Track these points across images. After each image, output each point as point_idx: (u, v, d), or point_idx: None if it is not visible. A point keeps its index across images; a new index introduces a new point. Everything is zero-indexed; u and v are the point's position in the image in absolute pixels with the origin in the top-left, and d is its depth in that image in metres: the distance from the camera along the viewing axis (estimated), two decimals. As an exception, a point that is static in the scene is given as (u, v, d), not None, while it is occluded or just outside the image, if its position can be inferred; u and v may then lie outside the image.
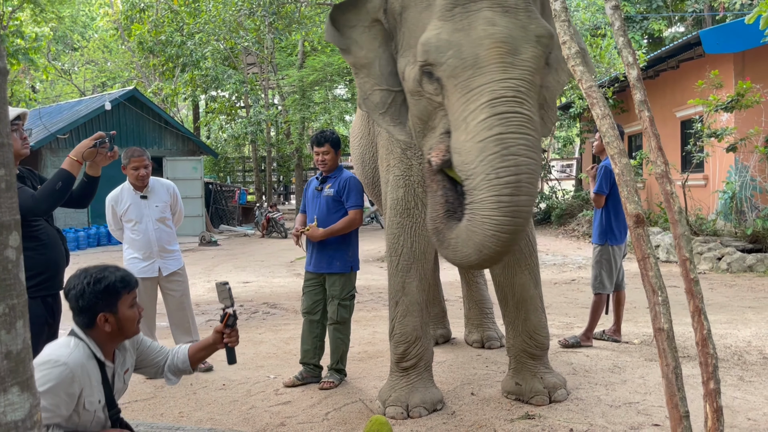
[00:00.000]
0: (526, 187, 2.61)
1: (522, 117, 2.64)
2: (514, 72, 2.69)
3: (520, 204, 2.62)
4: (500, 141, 2.61)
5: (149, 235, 4.48)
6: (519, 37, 2.76)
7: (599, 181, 4.99)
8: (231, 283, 7.37)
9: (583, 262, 10.36)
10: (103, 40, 28.86)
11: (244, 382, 4.36)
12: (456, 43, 2.78)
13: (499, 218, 2.61)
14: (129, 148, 4.61)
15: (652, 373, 4.23)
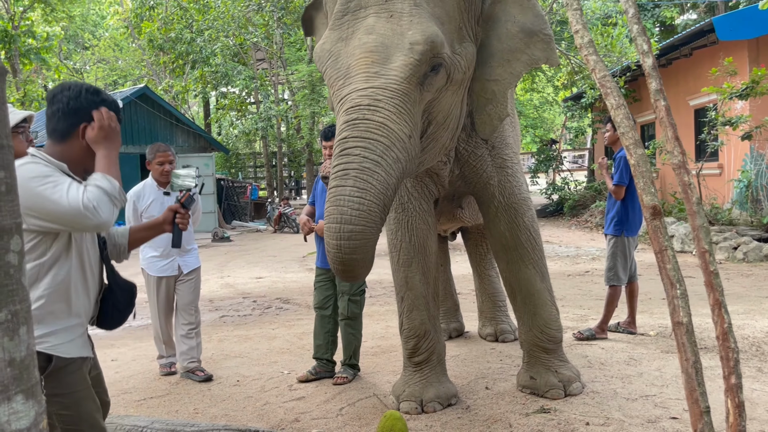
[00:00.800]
0: (352, 180, 2.58)
1: (370, 123, 2.64)
2: (377, 81, 2.70)
3: (344, 194, 2.59)
4: (342, 144, 2.66)
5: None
6: (392, 45, 2.76)
7: (619, 172, 4.92)
8: (244, 279, 7.41)
9: (597, 253, 10.28)
10: (113, 39, 29.02)
11: (258, 377, 4.37)
12: (335, 53, 2.86)
13: (328, 208, 2.64)
14: (154, 143, 4.58)
15: (668, 366, 4.18)
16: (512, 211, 3.64)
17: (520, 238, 3.65)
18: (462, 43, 3.01)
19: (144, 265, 4.44)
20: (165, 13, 19.43)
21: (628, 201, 4.95)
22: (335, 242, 2.60)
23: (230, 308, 7.13)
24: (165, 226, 2.44)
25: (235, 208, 20.16)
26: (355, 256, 2.61)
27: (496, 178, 3.63)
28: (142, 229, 2.46)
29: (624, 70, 12.76)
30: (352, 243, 2.58)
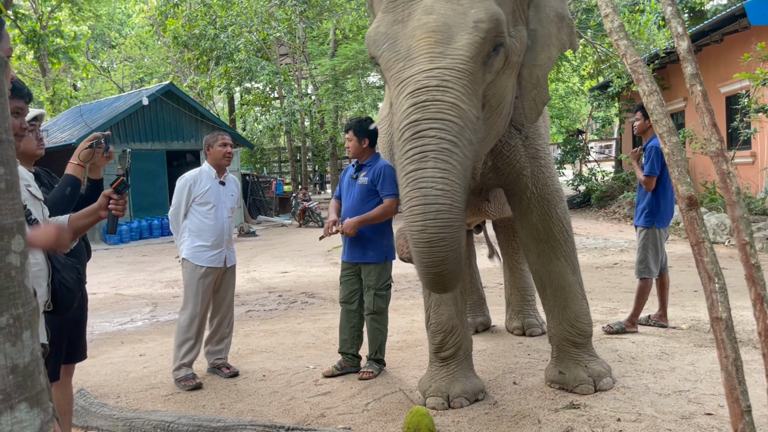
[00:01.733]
0: (432, 161, 2.50)
1: (442, 104, 2.56)
2: (443, 61, 2.62)
3: (425, 176, 2.50)
4: (413, 126, 2.57)
5: (223, 222, 4.30)
6: (455, 24, 2.68)
7: (650, 162, 4.79)
8: (269, 273, 7.39)
9: (626, 245, 10.10)
10: (139, 37, 29.32)
11: (284, 372, 4.36)
12: (392, 35, 2.78)
13: (409, 192, 2.54)
14: (212, 132, 4.52)
15: (702, 360, 4.08)
16: (545, 202, 3.58)
17: (552, 230, 3.58)
18: (516, 26, 2.97)
19: (188, 255, 4.24)
20: (189, 10, 19.55)
21: (659, 192, 4.83)
22: (420, 223, 2.49)
23: (256, 303, 7.15)
24: (101, 212, 2.39)
25: (260, 203, 20.27)
26: (443, 233, 2.48)
27: (530, 168, 3.55)
28: (81, 216, 2.40)
29: (652, 57, 12.48)
30: (439, 222, 2.47)
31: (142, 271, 10.31)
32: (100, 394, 4.10)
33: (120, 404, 3.87)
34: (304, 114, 20.74)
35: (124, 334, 5.96)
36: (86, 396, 3.57)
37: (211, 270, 4.25)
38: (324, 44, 20.19)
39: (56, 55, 20.72)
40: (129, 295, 8.11)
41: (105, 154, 2.90)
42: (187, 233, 4.28)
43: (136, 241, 15.01)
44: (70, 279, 2.22)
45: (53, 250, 2.19)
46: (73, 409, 3.46)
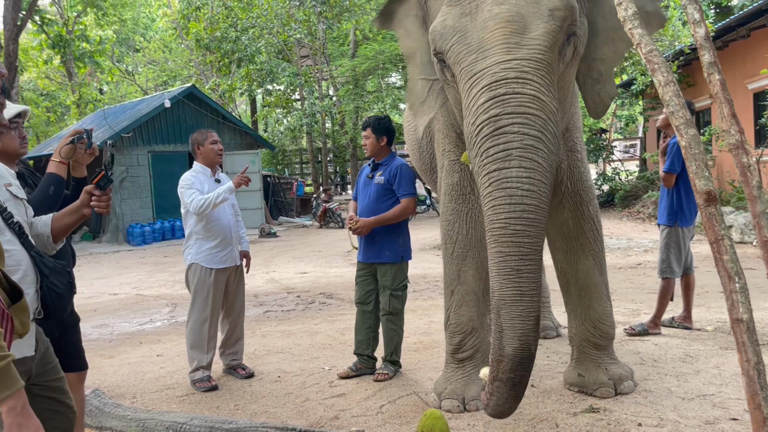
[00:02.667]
0: (516, 160, 2.40)
1: (523, 97, 2.45)
2: (520, 52, 2.52)
3: (510, 176, 2.41)
4: (494, 122, 2.46)
5: (228, 219, 4.25)
6: (529, 14, 2.58)
7: (670, 158, 4.69)
8: (289, 274, 7.35)
9: (650, 245, 9.91)
10: (163, 40, 29.66)
11: (299, 373, 4.33)
12: (461, 28, 2.68)
13: (492, 192, 2.44)
14: (198, 130, 4.44)
15: (727, 363, 3.95)
16: (578, 198, 3.49)
17: (583, 227, 3.50)
18: (581, 17, 2.86)
19: (199, 260, 4.18)
20: (211, 12, 19.72)
21: (681, 189, 4.72)
22: (504, 219, 2.40)
23: (274, 303, 7.14)
24: (83, 209, 2.25)
25: (281, 204, 20.33)
26: (529, 230, 2.39)
27: (567, 162, 3.46)
28: (64, 215, 2.27)
29: (677, 54, 12.25)
30: (524, 221, 2.39)
31: (163, 271, 10.39)
32: (117, 394, 4.11)
33: (135, 405, 3.87)
34: (325, 115, 20.76)
35: (142, 335, 5.98)
36: (101, 396, 3.58)
37: (221, 271, 4.22)
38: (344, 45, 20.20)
39: (82, 60, 21.09)
40: (149, 296, 8.16)
41: (88, 150, 2.72)
42: (194, 238, 4.22)
43: (159, 242, 15.14)
44: (60, 284, 2.08)
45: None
46: (88, 410, 3.47)
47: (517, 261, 2.44)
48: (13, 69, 13.48)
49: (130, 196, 15.57)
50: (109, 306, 7.57)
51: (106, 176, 2.26)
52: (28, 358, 1.99)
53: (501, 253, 2.46)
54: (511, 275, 2.45)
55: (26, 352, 1.98)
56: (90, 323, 6.56)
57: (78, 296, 2.23)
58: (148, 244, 14.87)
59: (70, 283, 2.16)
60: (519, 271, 2.44)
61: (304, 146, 27.79)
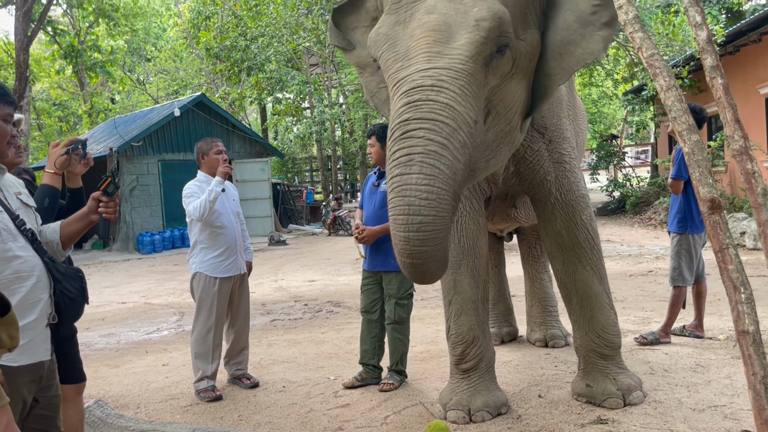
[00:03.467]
0: (417, 165, 2.39)
1: (435, 104, 2.45)
2: (441, 61, 2.52)
3: (410, 183, 2.40)
4: (403, 126, 2.47)
5: (233, 229, 4.22)
6: (455, 23, 2.57)
7: (677, 165, 4.64)
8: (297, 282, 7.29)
9: (661, 252, 9.81)
10: (173, 50, 29.88)
11: (304, 383, 4.30)
12: (393, 36, 2.71)
13: (393, 198, 2.46)
14: (203, 138, 4.42)
15: (739, 373, 3.87)
16: (569, 208, 3.44)
17: (577, 237, 3.45)
18: (527, 30, 2.81)
19: (203, 269, 4.15)
20: (220, 22, 19.84)
21: (690, 196, 4.65)
22: (403, 234, 2.41)
23: (281, 312, 7.11)
24: (91, 216, 2.27)
25: (291, 212, 20.35)
26: (425, 248, 2.41)
27: (554, 173, 3.42)
28: (72, 222, 2.29)
29: (687, 59, 12.15)
30: (422, 234, 2.39)
31: (172, 280, 10.40)
32: (120, 404, 4.09)
33: (139, 415, 3.85)
34: (334, 123, 20.79)
35: (149, 344, 5.97)
36: (104, 407, 3.56)
37: (226, 281, 4.19)
38: (353, 53, 20.29)
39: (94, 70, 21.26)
40: (157, 305, 8.16)
41: (83, 160, 2.68)
42: (198, 247, 4.20)
43: (168, 250, 15.19)
44: (73, 288, 2.12)
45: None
46: (91, 420, 3.45)
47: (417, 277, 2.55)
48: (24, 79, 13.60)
49: (140, 205, 15.65)
50: (117, 315, 7.57)
51: (113, 182, 2.29)
52: (45, 362, 2.04)
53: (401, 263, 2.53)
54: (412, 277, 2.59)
55: (42, 357, 2.03)
56: (97, 332, 6.57)
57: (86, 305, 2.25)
58: (158, 253, 14.92)
59: (83, 288, 2.19)
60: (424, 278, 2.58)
61: (314, 154, 27.87)
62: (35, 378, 2.00)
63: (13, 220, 2.02)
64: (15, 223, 2.02)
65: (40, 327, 2.02)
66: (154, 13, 31.37)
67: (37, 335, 2.01)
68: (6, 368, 1.84)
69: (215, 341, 4.17)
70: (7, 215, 2.01)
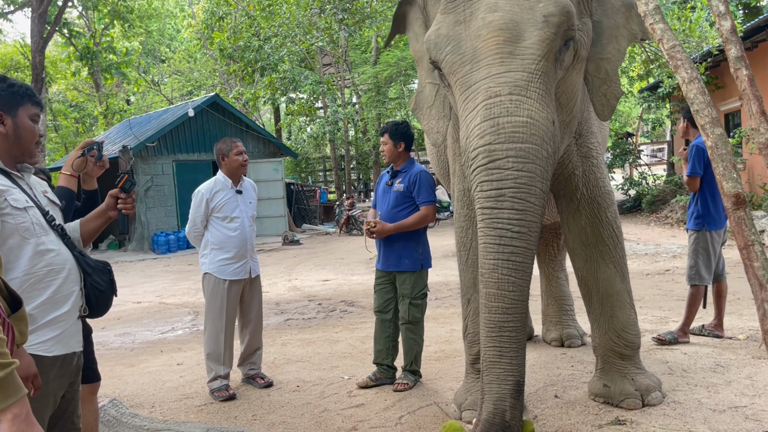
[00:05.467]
0: (509, 201, 2.45)
1: (518, 123, 2.45)
2: (514, 63, 2.48)
3: (501, 217, 2.45)
4: (488, 153, 2.48)
5: (246, 233, 4.19)
6: (523, 21, 2.53)
7: (691, 161, 4.57)
8: (311, 282, 7.26)
9: (678, 250, 9.69)
10: (187, 51, 30.03)
11: (318, 383, 4.28)
12: (455, 37, 2.65)
13: (484, 230, 2.50)
14: (223, 138, 4.40)
15: (761, 373, 3.80)
16: (595, 204, 3.39)
17: (602, 234, 3.39)
18: (581, 18, 2.81)
19: (211, 269, 4.16)
20: (234, 22, 19.90)
21: (706, 192, 4.58)
22: (493, 261, 2.48)
23: (295, 311, 7.11)
24: (110, 212, 2.36)
25: (305, 212, 20.38)
26: (513, 277, 2.47)
27: (581, 168, 3.37)
28: (90, 219, 2.37)
29: (704, 55, 11.99)
30: (511, 264, 2.46)
31: (187, 279, 10.44)
32: (135, 403, 4.10)
33: (153, 414, 3.85)
34: (348, 122, 20.78)
35: (164, 343, 5.99)
36: (118, 406, 3.56)
37: (235, 282, 4.18)
38: (366, 52, 20.22)
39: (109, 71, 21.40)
40: (172, 304, 8.19)
41: (98, 162, 2.70)
42: (209, 248, 4.20)
43: (183, 250, 15.27)
44: (103, 282, 2.19)
45: None
46: (106, 420, 3.45)
47: (501, 315, 2.49)
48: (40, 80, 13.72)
49: (155, 205, 15.74)
50: (132, 314, 7.61)
51: (130, 179, 2.37)
52: (77, 353, 2.12)
53: (486, 307, 2.53)
54: (494, 332, 2.51)
55: (75, 347, 2.11)
56: (113, 332, 6.60)
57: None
58: (173, 253, 15.00)
59: (111, 281, 2.27)
60: (501, 328, 2.50)
61: (327, 154, 27.90)
62: (66, 371, 2.06)
63: (43, 216, 2.09)
64: (46, 218, 2.09)
65: (72, 319, 2.09)
66: (168, 15, 31.54)
67: (70, 327, 2.08)
68: (40, 359, 1.91)
69: (227, 342, 4.17)
70: (38, 211, 2.07)
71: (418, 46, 3.38)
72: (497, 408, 2.47)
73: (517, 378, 2.50)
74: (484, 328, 2.54)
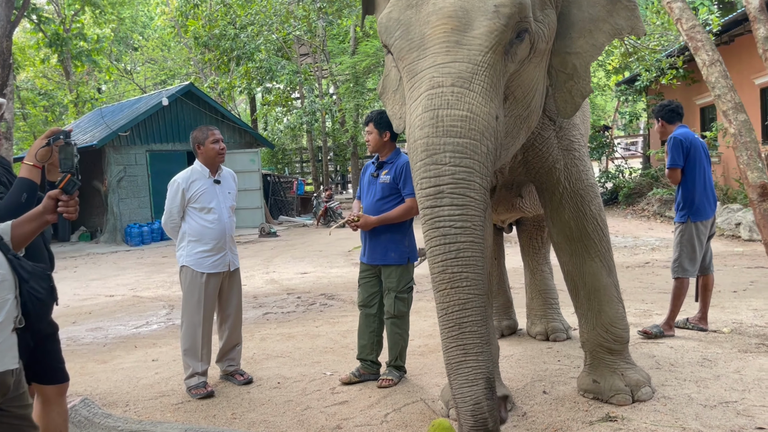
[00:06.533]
0: (448, 198, 2.36)
1: (457, 117, 2.37)
2: (460, 53, 2.40)
3: (442, 215, 2.36)
4: (426, 147, 2.40)
5: (224, 224, 4.03)
6: (473, 9, 2.44)
7: (670, 153, 4.54)
8: (289, 274, 7.02)
9: (656, 243, 9.74)
10: (161, 39, 29.45)
11: (299, 379, 4.15)
12: (405, 21, 2.55)
13: (428, 232, 2.42)
14: (199, 126, 4.21)
15: (748, 367, 3.77)
16: (578, 198, 3.30)
17: (586, 228, 3.31)
18: (543, 10, 2.70)
19: (189, 262, 3.99)
20: (209, 10, 19.49)
21: (689, 183, 4.55)
22: (441, 263, 2.38)
23: (274, 305, 6.96)
24: (47, 216, 2.08)
25: (281, 204, 20.15)
26: (465, 272, 2.37)
27: (563, 161, 3.28)
28: (24, 222, 2.10)
29: (682, 49, 12.06)
30: (460, 261, 2.36)
31: (161, 272, 10.21)
32: (109, 402, 3.93)
33: (128, 413, 3.69)
34: (325, 113, 20.55)
35: (138, 338, 5.80)
36: (90, 406, 3.39)
37: (213, 276, 4.02)
38: (344, 42, 19.97)
39: (79, 58, 20.86)
40: (146, 297, 7.98)
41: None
42: (187, 239, 4.03)
43: (157, 242, 14.97)
44: (41, 288, 1.96)
45: None
46: (77, 420, 3.29)
47: (458, 312, 2.37)
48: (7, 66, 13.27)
49: (128, 196, 15.40)
50: (104, 308, 7.39)
51: (73, 179, 2.10)
52: (12, 371, 1.86)
53: (442, 303, 2.41)
54: (454, 330, 2.38)
55: (9, 365, 1.85)
56: (84, 326, 6.39)
57: (73, 298, 2.11)
58: (147, 245, 14.70)
59: (51, 287, 2.02)
60: (461, 325, 2.37)
61: (304, 145, 27.64)
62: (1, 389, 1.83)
63: None
64: None
65: (5, 332, 1.85)
66: (141, 1, 30.85)
67: (3, 341, 1.84)
68: None
69: (204, 337, 4.01)
70: None
71: None
72: (476, 416, 2.33)
73: (487, 375, 2.38)
74: (444, 329, 2.41)
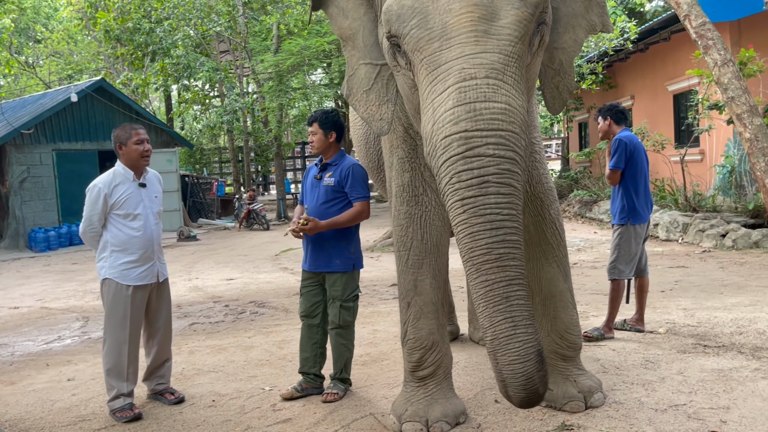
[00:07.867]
0: (494, 186, 2.23)
1: (495, 108, 2.24)
2: (489, 43, 2.28)
3: (488, 203, 2.23)
4: (465, 141, 2.25)
5: (151, 232, 3.70)
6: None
7: (615, 155, 4.59)
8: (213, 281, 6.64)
9: (581, 244, 9.99)
10: (67, 31, 27.76)
11: (236, 396, 3.87)
12: (421, 9, 2.38)
13: (469, 219, 2.26)
14: (122, 124, 3.86)
15: (690, 368, 3.82)
16: (538, 202, 3.22)
17: (545, 233, 3.24)
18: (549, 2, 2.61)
19: (112, 275, 3.62)
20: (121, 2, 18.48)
21: (630, 186, 4.62)
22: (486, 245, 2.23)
23: (200, 314, 6.58)
24: None
25: (201, 206, 19.44)
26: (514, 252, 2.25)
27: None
28: None
29: (601, 55, 12.49)
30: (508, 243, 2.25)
31: (71, 280, 9.51)
32: (20, 429, 3.52)
33: (43, 443, 3.30)
34: (247, 112, 19.97)
35: (49, 355, 5.30)
36: (0, 438, 3.00)
37: (140, 288, 3.67)
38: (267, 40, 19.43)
39: (-25, 50, 19.33)
40: (56, 309, 7.37)
41: None
42: (109, 250, 3.65)
43: (66, 247, 14.01)
44: None
45: None
46: (-17, 456, 2.89)
47: (506, 287, 2.24)
48: None
49: (32, 198, 14.34)
50: (8, 322, 6.75)
51: None
52: None
53: (487, 282, 2.25)
54: (501, 304, 2.24)
55: None
56: (-14, 343, 5.79)
57: None
58: (54, 250, 13.72)
59: None
60: (509, 298, 2.24)
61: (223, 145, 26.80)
62: None
63: None
64: None
65: None
66: (44, -9, 29.03)
67: None
68: None
69: (131, 355, 3.65)
70: None
71: (348, 22, 3.04)
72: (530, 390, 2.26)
73: (538, 347, 2.26)
74: (488, 304, 2.24)
